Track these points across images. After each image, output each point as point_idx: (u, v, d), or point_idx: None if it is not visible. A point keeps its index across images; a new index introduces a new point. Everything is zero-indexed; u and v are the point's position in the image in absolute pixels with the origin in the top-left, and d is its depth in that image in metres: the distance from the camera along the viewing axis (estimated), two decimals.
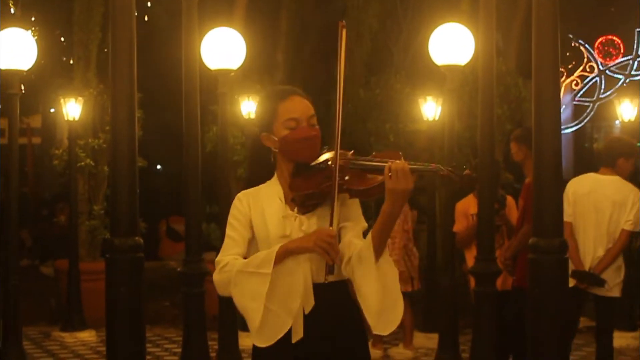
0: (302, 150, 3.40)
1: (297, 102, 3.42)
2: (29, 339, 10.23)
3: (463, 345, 8.20)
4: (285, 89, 3.54)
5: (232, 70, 8.08)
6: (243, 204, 3.45)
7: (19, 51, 8.29)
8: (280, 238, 3.33)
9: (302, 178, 3.40)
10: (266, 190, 3.46)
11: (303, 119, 3.40)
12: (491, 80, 6.90)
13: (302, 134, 3.38)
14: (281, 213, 3.38)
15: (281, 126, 3.39)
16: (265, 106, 3.49)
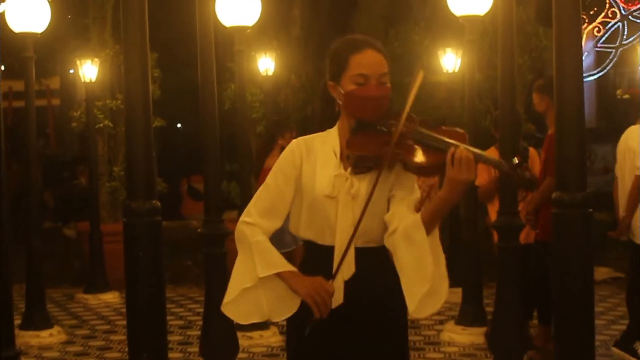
0: (366, 108, 3.23)
1: (369, 57, 3.23)
2: (52, 301, 10.29)
3: (487, 299, 8.17)
4: (361, 39, 3.31)
5: (248, 27, 7.98)
6: (295, 155, 3.31)
7: (32, 14, 8.24)
8: (325, 197, 3.22)
9: (361, 137, 3.24)
10: (322, 141, 3.33)
11: (373, 76, 3.21)
12: (511, 30, 6.77)
13: (369, 92, 3.21)
14: (333, 170, 3.25)
15: (349, 80, 3.22)
16: (337, 54, 3.30)
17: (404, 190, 3.24)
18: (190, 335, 8.59)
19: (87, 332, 8.92)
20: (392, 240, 3.16)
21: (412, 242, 3.09)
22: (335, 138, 3.31)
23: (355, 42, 3.29)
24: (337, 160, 3.27)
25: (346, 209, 3.20)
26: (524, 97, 12.01)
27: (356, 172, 3.22)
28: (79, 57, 11.12)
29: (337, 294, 3.18)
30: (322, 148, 3.30)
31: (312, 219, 3.26)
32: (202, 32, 6.60)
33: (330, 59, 3.33)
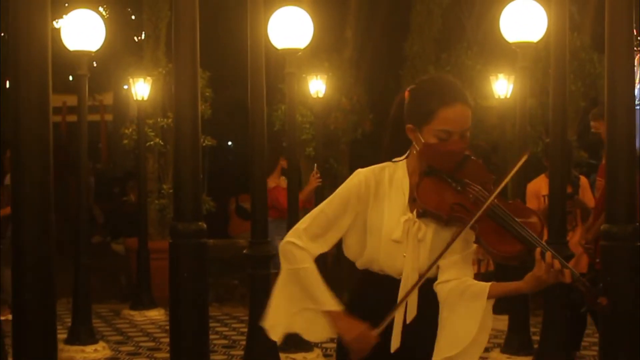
0: (443, 161, 3.15)
1: (458, 113, 3.10)
2: (99, 316, 10.36)
3: (534, 328, 8.06)
4: (453, 90, 3.15)
5: (299, 49, 8.01)
6: (362, 188, 3.21)
7: (88, 32, 8.36)
8: (391, 241, 3.15)
9: (433, 185, 3.15)
10: (390, 175, 3.23)
11: (458, 132, 3.10)
12: (564, 58, 6.73)
13: (450, 147, 3.11)
14: (401, 213, 3.17)
15: (432, 132, 3.10)
16: (424, 102, 3.14)
17: (463, 242, 3.16)
18: (233, 355, 8.59)
19: (131, 349, 8.96)
20: (444, 288, 3.14)
21: (467, 306, 3.08)
22: (404, 175, 3.23)
23: (446, 92, 3.15)
24: (406, 201, 3.19)
25: (414, 252, 3.15)
26: (576, 124, 11.91)
27: (421, 217, 3.15)
28: (132, 75, 11.23)
29: (396, 338, 3.16)
30: (390, 185, 3.22)
31: (375, 259, 3.20)
32: (253, 53, 6.65)
33: (415, 102, 3.20)
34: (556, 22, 6.76)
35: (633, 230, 4.33)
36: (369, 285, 3.26)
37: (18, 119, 2.86)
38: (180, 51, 4.72)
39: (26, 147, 2.91)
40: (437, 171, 3.16)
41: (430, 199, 3.11)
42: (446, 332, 3.12)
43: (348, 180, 3.26)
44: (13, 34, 2.94)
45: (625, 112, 4.42)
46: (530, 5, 7.87)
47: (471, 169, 3.18)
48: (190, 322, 4.60)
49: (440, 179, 3.16)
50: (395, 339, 3.16)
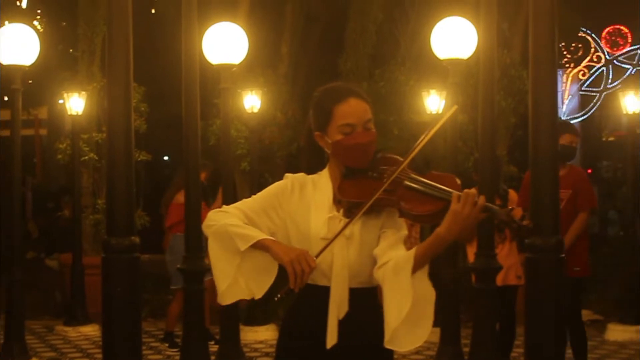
0: (354, 155, 3.29)
1: (354, 106, 3.28)
2: (32, 332, 10.28)
3: (465, 339, 8.18)
4: (343, 88, 3.37)
5: (234, 65, 8.07)
6: (288, 189, 3.36)
7: (22, 47, 8.32)
8: (320, 239, 3.24)
9: (353, 182, 3.30)
10: (314, 184, 3.37)
11: (359, 124, 3.27)
12: (492, 74, 6.88)
13: (356, 139, 3.27)
14: (327, 213, 3.29)
15: (336, 130, 3.28)
16: (321, 107, 3.34)
17: (394, 227, 3.29)
18: None
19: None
20: (381, 272, 3.20)
21: (399, 276, 3.13)
22: (327, 182, 3.36)
23: (338, 91, 3.34)
24: (330, 202, 3.31)
25: (341, 249, 3.24)
26: (507, 140, 12.12)
27: (349, 216, 3.26)
28: (66, 89, 11.19)
29: (332, 334, 3.23)
30: (314, 191, 3.35)
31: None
32: (188, 68, 6.70)
33: (315, 110, 3.37)
34: (485, 39, 6.91)
35: (556, 242, 4.44)
36: (307, 297, 3.32)
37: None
38: (114, 65, 4.75)
39: None
40: (355, 171, 3.30)
41: (351, 192, 3.26)
42: (387, 306, 3.16)
43: (275, 184, 3.39)
44: None
45: (548, 127, 4.53)
46: (460, 23, 8.04)
47: (386, 160, 3.33)
48: (123, 337, 4.62)
49: (359, 174, 3.30)
50: (331, 336, 3.23)
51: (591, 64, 18.15)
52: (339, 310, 3.24)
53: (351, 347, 3.27)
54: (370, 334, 3.28)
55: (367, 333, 3.29)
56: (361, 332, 3.29)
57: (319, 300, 3.27)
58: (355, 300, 3.26)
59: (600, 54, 18.04)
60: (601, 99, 18.21)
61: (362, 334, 3.29)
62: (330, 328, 3.24)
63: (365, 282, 3.30)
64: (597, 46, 18.11)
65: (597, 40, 17.98)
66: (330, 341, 3.24)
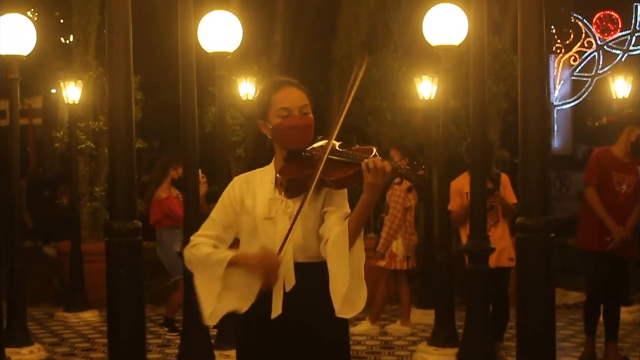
0: (292, 137, 3.60)
1: (289, 92, 3.63)
2: (33, 319, 10.38)
3: (459, 321, 8.31)
4: (281, 80, 3.74)
5: (229, 52, 8.18)
6: (235, 189, 3.68)
7: (19, 37, 8.42)
8: (264, 219, 3.56)
9: (292, 164, 3.60)
10: (261, 174, 3.68)
11: (294, 107, 3.60)
12: (483, 59, 6.99)
13: (292, 122, 3.58)
14: (269, 195, 3.59)
15: (274, 115, 3.60)
16: (262, 96, 3.70)
17: (335, 205, 3.56)
18: (168, 353, 8.72)
19: (67, 350, 9.03)
20: (325, 250, 3.48)
21: (340, 246, 3.42)
22: (272, 170, 3.67)
23: (275, 82, 3.73)
24: (272, 186, 3.62)
25: (284, 227, 3.52)
26: (498, 124, 12.23)
27: (289, 196, 3.57)
28: (62, 78, 11.28)
29: (276, 305, 3.49)
30: (260, 179, 3.67)
31: (255, 242, 3.58)
32: (184, 57, 6.80)
33: (257, 101, 3.77)
34: (475, 25, 7.03)
35: (546, 222, 4.57)
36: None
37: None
38: (114, 55, 4.86)
39: None
40: (295, 153, 3.61)
41: (289, 172, 3.59)
42: (333, 280, 3.43)
43: (227, 189, 3.74)
44: None
45: (537, 112, 4.65)
46: (451, 10, 8.16)
47: (321, 146, 3.59)
48: (128, 318, 4.74)
49: (297, 157, 3.61)
50: (275, 307, 3.50)
51: (582, 49, 18.28)
52: (285, 283, 3.49)
53: (301, 321, 3.52)
54: (321, 306, 3.48)
55: (319, 305, 3.49)
56: (312, 304, 3.51)
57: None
58: (303, 274, 3.51)
59: (592, 39, 18.17)
60: (593, 84, 18.33)
61: (314, 307, 3.51)
62: (274, 299, 3.50)
63: (313, 257, 3.55)
64: (588, 32, 18.24)
65: (588, 25, 18.11)
66: (274, 312, 3.49)
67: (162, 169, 9.60)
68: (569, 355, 8.29)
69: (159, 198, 9.42)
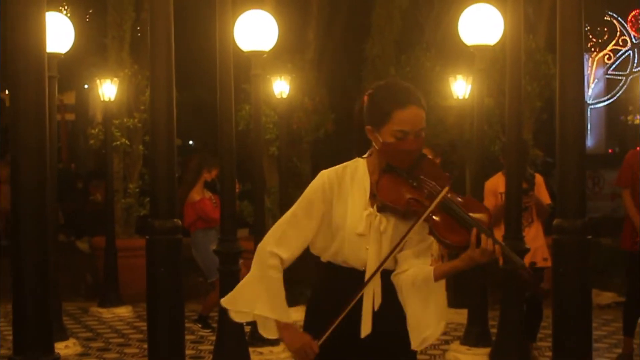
0: (401, 159, 3.39)
1: (412, 114, 3.33)
2: (67, 314, 10.48)
3: (492, 321, 8.31)
4: (406, 93, 3.36)
5: (265, 51, 8.22)
6: (326, 190, 3.44)
7: (58, 35, 8.49)
8: (356, 235, 3.39)
9: (390, 181, 3.39)
10: (352, 173, 3.47)
11: (413, 132, 3.33)
12: (519, 59, 7.00)
13: (406, 146, 3.34)
14: (363, 208, 3.40)
15: (389, 133, 3.33)
16: (380, 105, 3.37)
17: (419, 235, 3.43)
18: (202, 349, 8.78)
19: (101, 345, 9.12)
20: (399, 279, 3.43)
21: (420, 289, 3.38)
22: (365, 173, 3.45)
23: (400, 95, 3.36)
24: (367, 197, 3.42)
25: (376, 244, 3.39)
26: (532, 124, 12.19)
27: (380, 210, 3.40)
28: (98, 76, 11.37)
29: (365, 324, 3.40)
30: (352, 182, 3.44)
31: (340, 250, 3.43)
32: (222, 55, 6.83)
33: (372, 105, 3.41)
34: (511, 25, 7.03)
35: (582, 225, 4.56)
36: (334, 278, 3.49)
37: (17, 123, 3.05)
38: (157, 52, 4.89)
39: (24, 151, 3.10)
40: (395, 169, 3.40)
41: (389, 194, 3.36)
42: (414, 317, 3.41)
43: (313, 183, 3.49)
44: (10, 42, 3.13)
45: (576, 112, 4.63)
46: (487, 10, 8.15)
47: (426, 167, 3.44)
48: (167, 316, 4.79)
49: (397, 175, 3.40)
50: (365, 325, 3.39)
51: (617, 47, 18.16)
52: (375, 301, 3.40)
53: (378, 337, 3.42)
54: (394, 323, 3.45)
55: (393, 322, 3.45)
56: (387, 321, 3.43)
57: (350, 282, 3.41)
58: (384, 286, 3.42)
59: (626, 37, 18.05)
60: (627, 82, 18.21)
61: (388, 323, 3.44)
62: (364, 318, 3.40)
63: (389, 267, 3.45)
64: (622, 30, 18.11)
65: (623, 23, 17.99)
66: (364, 330, 3.40)
67: (195, 171, 9.65)
68: (602, 357, 8.27)
69: (193, 200, 9.48)
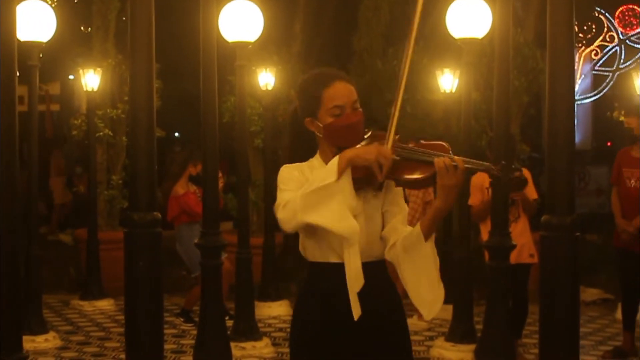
0: (346, 136, 3.38)
1: (341, 89, 3.40)
2: (48, 307, 10.38)
3: (477, 317, 8.27)
4: (329, 73, 3.48)
5: (250, 42, 8.12)
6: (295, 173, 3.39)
7: (38, 23, 8.39)
8: None
9: None
10: (310, 168, 3.45)
11: (347, 105, 3.38)
12: (507, 53, 6.92)
13: (346, 120, 3.37)
14: None
15: (325, 113, 3.38)
16: (309, 92, 3.44)
17: (395, 205, 3.45)
18: (184, 344, 8.69)
19: (82, 338, 9.02)
20: (393, 253, 3.39)
21: (416, 252, 3.33)
22: (321, 164, 3.43)
23: (323, 76, 3.46)
24: None
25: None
26: (519, 119, 12.13)
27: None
28: (81, 66, 11.24)
29: (355, 308, 3.34)
30: (311, 173, 3.40)
31: (318, 241, 3.39)
32: (206, 46, 6.71)
33: (303, 97, 3.48)
34: (500, 19, 6.95)
35: (572, 221, 4.48)
36: (320, 274, 3.44)
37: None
38: (137, 43, 4.78)
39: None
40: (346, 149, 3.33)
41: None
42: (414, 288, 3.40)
43: (281, 174, 3.41)
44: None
45: (565, 107, 4.54)
46: (475, 3, 8.06)
47: (377, 136, 3.43)
48: (145, 311, 4.68)
49: None
50: (355, 309, 3.33)
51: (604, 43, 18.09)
52: (356, 284, 3.33)
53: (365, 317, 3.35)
54: (382, 303, 3.45)
55: (380, 302, 3.44)
56: (374, 302, 3.39)
57: (333, 276, 3.37)
58: (367, 274, 3.34)
59: (614, 33, 17.98)
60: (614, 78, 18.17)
61: (376, 304, 3.40)
62: (352, 302, 3.33)
63: (374, 257, 3.43)
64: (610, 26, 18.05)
65: (610, 19, 17.92)
66: (356, 314, 3.33)
67: (181, 164, 9.55)
68: (587, 354, 8.21)
69: (177, 194, 9.39)
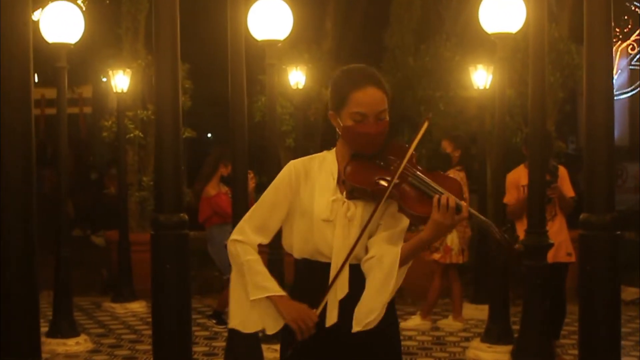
0: (362, 144, 3.29)
1: (369, 95, 3.25)
2: (80, 309, 10.35)
3: (513, 317, 8.12)
4: (364, 74, 3.31)
5: (279, 40, 8.01)
6: (292, 177, 3.37)
7: (66, 25, 8.36)
8: (323, 221, 3.28)
9: (359, 165, 3.30)
10: (320, 163, 3.39)
11: (371, 114, 3.24)
12: (542, 49, 6.78)
13: (365, 129, 3.25)
14: (331, 195, 3.31)
15: (348, 115, 3.26)
16: (338, 88, 3.33)
17: (394, 219, 3.31)
18: (215, 346, 8.61)
19: (113, 341, 8.96)
20: (368, 265, 3.27)
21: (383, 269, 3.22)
22: (333, 161, 3.38)
23: (357, 76, 3.31)
24: (335, 184, 3.34)
25: (343, 230, 3.28)
26: (555, 115, 11.96)
27: (350, 198, 3.30)
28: (111, 67, 11.20)
29: (331, 313, 3.27)
30: (319, 171, 3.37)
31: (309, 240, 3.33)
32: (234, 45, 6.64)
33: (332, 89, 3.37)
34: (535, 13, 6.80)
35: (611, 220, 4.37)
36: (307, 274, 3.39)
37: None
38: (161, 43, 4.72)
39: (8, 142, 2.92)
40: (362, 154, 3.31)
41: (356, 177, 3.27)
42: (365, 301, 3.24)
43: (281, 172, 3.42)
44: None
45: (603, 103, 4.44)
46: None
47: (396, 147, 3.34)
48: (173, 313, 4.61)
49: (366, 159, 3.31)
50: (330, 315, 3.27)
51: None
52: (339, 291, 3.28)
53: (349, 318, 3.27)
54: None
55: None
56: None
57: (321, 276, 3.30)
58: (354, 279, 3.27)
59: None
60: None
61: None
62: (329, 307, 3.28)
63: (357, 261, 3.31)
64: None
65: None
66: (329, 320, 3.28)
67: (212, 164, 9.45)
68: (628, 355, 8.03)
69: (208, 195, 9.31)
